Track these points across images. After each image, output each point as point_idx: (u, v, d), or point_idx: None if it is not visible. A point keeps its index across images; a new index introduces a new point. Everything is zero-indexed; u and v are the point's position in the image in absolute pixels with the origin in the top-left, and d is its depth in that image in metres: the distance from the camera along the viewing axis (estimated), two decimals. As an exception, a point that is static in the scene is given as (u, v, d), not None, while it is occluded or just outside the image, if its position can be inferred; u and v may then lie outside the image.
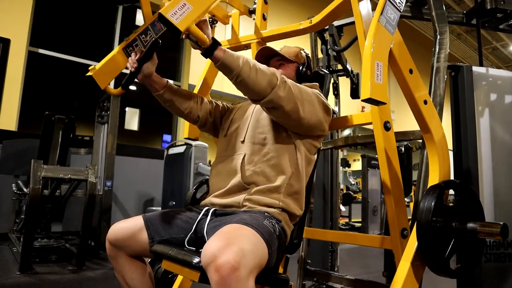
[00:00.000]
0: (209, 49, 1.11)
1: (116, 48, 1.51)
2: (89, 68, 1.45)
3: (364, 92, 1.01)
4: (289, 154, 1.31)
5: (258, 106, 1.39)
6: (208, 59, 1.14)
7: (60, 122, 3.53)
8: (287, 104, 1.19)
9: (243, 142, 1.34)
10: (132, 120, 6.99)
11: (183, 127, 5.29)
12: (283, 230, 1.21)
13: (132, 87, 7.15)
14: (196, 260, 1.01)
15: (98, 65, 1.47)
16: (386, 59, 1.09)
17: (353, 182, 10.88)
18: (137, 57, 1.26)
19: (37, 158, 3.20)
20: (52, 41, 5.48)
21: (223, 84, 6.82)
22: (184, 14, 1.00)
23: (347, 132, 10.87)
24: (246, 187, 1.26)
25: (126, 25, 6.31)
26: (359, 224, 6.68)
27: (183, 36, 1.08)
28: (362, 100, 1.03)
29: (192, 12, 1.01)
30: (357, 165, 13.05)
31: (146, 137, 7.78)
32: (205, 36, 1.09)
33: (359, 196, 8.08)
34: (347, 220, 7.79)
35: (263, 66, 1.17)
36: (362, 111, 8.49)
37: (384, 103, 1.03)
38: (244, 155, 1.30)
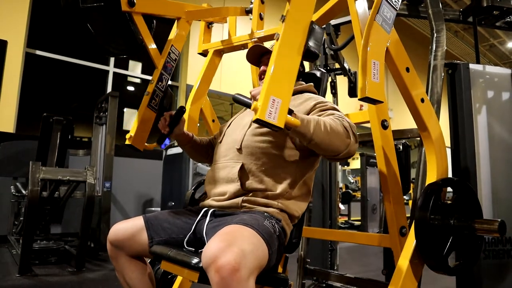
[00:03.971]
0: None
1: (140, 107, 1.53)
2: (126, 137, 1.50)
3: (361, 91, 1.01)
4: (287, 161, 1.29)
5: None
6: (206, 58, 1.13)
7: (58, 124, 3.53)
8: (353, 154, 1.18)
9: (239, 149, 1.32)
10: (131, 120, 6.98)
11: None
12: (283, 230, 1.21)
13: (130, 88, 7.15)
14: (195, 260, 1.01)
15: (131, 131, 1.50)
16: (383, 58, 1.10)
17: (352, 181, 10.91)
18: (167, 123, 1.38)
19: (36, 159, 3.20)
20: (50, 42, 5.47)
21: (221, 84, 6.83)
22: (277, 110, 0.95)
23: (345, 130, 10.86)
24: (244, 194, 1.25)
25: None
26: (358, 223, 6.70)
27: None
28: (360, 99, 1.03)
29: (283, 104, 0.96)
30: (356, 164, 13.06)
31: (145, 137, 7.75)
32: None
33: (358, 195, 8.09)
34: (346, 218, 7.81)
35: (333, 123, 1.13)
36: (360, 109, 8.52)
37: (381, 102, 1.04)
38: (242, 164, 1.28)
